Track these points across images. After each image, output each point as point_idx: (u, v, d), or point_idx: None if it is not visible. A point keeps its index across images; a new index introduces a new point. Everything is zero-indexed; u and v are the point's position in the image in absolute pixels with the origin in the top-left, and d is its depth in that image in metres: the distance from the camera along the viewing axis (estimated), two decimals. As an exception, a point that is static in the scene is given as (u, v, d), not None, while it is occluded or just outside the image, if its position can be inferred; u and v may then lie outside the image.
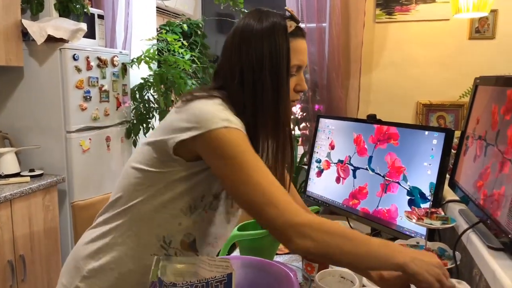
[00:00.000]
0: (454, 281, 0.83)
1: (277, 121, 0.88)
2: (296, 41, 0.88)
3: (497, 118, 0.98)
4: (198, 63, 2.99)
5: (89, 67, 2.40)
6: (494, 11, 2.32)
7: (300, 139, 2.80)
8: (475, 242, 0.95)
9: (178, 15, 3.72)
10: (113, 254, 0.91)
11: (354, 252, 0.78)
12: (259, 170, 0.80)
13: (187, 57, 2.81)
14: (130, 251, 0.91)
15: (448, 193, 1.34)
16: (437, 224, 1.12)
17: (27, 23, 2.14)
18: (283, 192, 0.80)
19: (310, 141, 2.10)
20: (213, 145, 0.80)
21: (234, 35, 0.89)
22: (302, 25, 0.96)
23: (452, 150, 1.43)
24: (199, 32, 3.29)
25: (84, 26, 2.32)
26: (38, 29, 2.12)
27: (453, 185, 1.27)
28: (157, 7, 3.45)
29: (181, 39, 2.97)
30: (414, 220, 1.15)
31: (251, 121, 0.87)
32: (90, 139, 2.45)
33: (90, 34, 2.57)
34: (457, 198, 1.24)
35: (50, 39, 2.17)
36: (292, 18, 0.89)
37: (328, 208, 1.84)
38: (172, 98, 2.93)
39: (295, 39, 0.88)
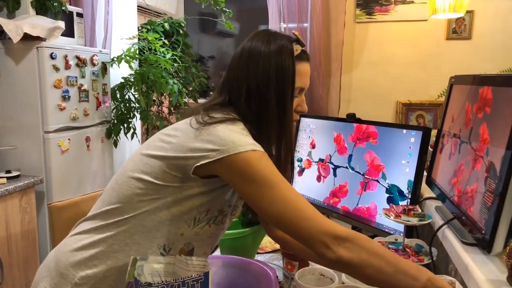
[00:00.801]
0: (447, 278, 0.85)
1: (280, 138, 0.92)
2: (302, 65, 0.92)
3: (470, 116, 1.00)
4: (180, 62, 2.97)
5: (67, 66, 2.35)
6: (470, 12, 2.37)
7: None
8: (450, 238, 0.97)
9: (160, 14, 3.68)
10: (110, 262, 0.89)
11: (385, 273, 0.78)
12: (288, 188, 0.83)
13: (168, 56, 2.79)
14: (128, 259, 0.88)
15: (426, 191, 1.37)
16: (414, 221, 1.14)
17: (2, 21, 2.09)
18: (311, 206, 0.83)
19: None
20: (242, 167, 0.82)
21: (242, 54, 0.92)
22: (283, 25, 0.98)
23: (430, 148, 1.46)
24: (181, 31, 3.26)
25: (62, 24, 2.27)
26: (14, 27, 2.07)
27: (430, 183, 1.30)
28: (138, 6, 3.41)
29: (163, 38, 2.94)
30: (392, 217, 1.16)
31: (255, 138, 0.89)
32: (69, 139, 2.40)
33: (69, 32, 2.53)
34: (434, 195, 1.27)
35: (27, 37, 2.12)
36: (298, 41, 0.93)
37: (309, 207, 1.86)
38: (154, 98, 2.91)
39: (300, 62, 0.92)
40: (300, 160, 1.85)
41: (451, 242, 0.95)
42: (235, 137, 0.84)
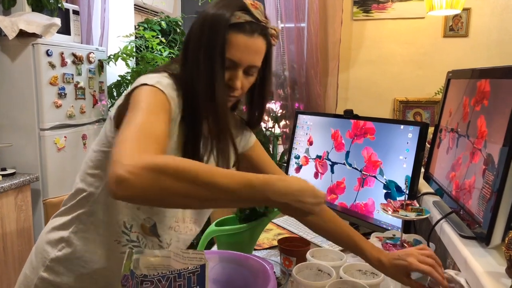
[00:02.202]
0: (452, 272, 0.85)
1: (208, 108, 0.85)
2: (238, 36, 0.83)
3: (468, 110, 1.00)
4: (177, 60, 2.96)
5: (63, 63, 2.34)
6: (467, 9, 2.37)
7: (281, 138, 2.80)
8: (448, 232, 0.97)
9: (157, 13, 3.67)
10: (79, 242, 0.90)
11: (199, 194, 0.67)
12: (149, 114, 0.74)
13: (165, 54, 2.78)
14: (95, 239, 0.90)
15: (423, 186, 1.37)
16: (412, 215, 1.14)
17: (-2, 17, 2.08)
18: (150, 137, 0.70)
19: (290, 139, 2.11)
20: (135, 95, 0.79)
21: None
22: (281, 24, 0.95)
23: (427, 145, 1.46)
24: (178, 30, 3.26)
25: (57, 21, 2.26)
26: (10, 24, 2.06)
27: (428, 178, 1.29)
28: (135, 5, 3.40)
29: (160, 36, 2.93)
30: (389, 212, 1.16)
31: (190, 102, 0.85)
32: (65, 137, 2.39)
33: (65, 30, 2.51)
34: (431, 190, 1.27)
35: (22, 34, 2.11)
36: (247, 11, 0.85)
37: (307, 204, 1.85)
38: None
39: (237, 33, 0.83)
40: (297, 157, 1.85)
41: (449, 236, 0.95)
42: (146, 76, 0.82)
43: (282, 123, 2.73)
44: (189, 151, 0.87)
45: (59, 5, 2.42)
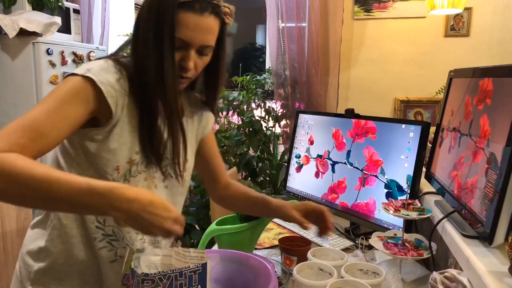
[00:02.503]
0: (454, 271, 0.84)
1: (158, 88, 0.83)
2: (188, 15, 0.80)
3: (470, 109, 1.00)
4: (177, 59, 2.95)
5: (64, 62, 2.34)
6: (468, 9, 2.37)
7: (281, 138, 2.80)
8: (450, 231, 0.96)
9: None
10: (57, 249, 0.90)
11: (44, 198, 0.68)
12: (42, 112, 0.74)
13: (166, 53, 2.77)
14: (71, 241, 0.90)
15: (425, 186, 1.36)
16: (413, 215, 1.13)
17: (-2, 16, 2.08)
18: (27, 134, 0.71)
19: (291, 139, 2.10)
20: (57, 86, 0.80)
21: None
22: (282, 24, 0.94)
23: (428, 144, 1.45)
24: (178, 29, 3.25)
25: (58, 19, 2.26)
26: (10, 22, 2.06)
27: (429, 177, 1.29)
28: (135, 3, 3.40)
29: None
30: (391, 212, 1.16)
31: (141, 84, 0.84)
32: (65, 136, 2.38)
33: (66, 29, 2.51)
34: (433, 190, 1.26)
35: (23, 32, 2.11)
36: None
37: (307, 203, 1.85)
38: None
39: (187, 12, 0.80)
40: (298, 157, 1.84)
41: (451, 235, 0.94)
42: (83, 65, 0.83)
43: (283, 122, 2.72)
44: (145, 132, 0.86)
45: (60, 3, 2.42)
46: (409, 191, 1.34)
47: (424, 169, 1.37)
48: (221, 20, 0.87)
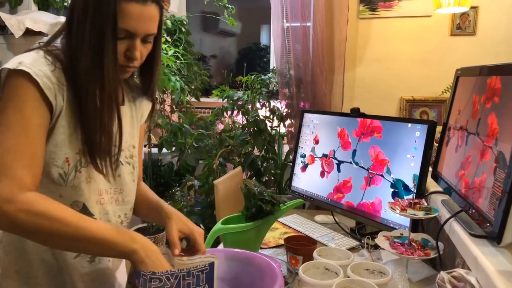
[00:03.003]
0: (462, 271, 0.83)
1: (95, 82, 0.81)
2: (129, 4, 0.80)
3: (478, 107, 0.99)
4: (182, 59, 2.96)
5: (69, 62, 2.34)
6: (475, 8, 2.35)
7: (286, 137, 2.79)
8: (457, 231, 0.96)
9: (162, 11, 3.67)
10: (10, 247, 0.89)
11: (70, 236, 0.73)
12: (19, 133, 0.74)
13: (170, 53, 2.78)
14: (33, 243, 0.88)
15: (431, 185, 1.35)
16: (420, 214, 1.13)
17: (5, 16, 2.09)
18: (24, 167, 0.74)
19: (295, 138, 2.09)
20: (5, 91, 0.78)
21: None
22: (286, 24, 0.93)
23: (435, 143, 1.44)
24: (183, 29, 3.25)
25: (64, 19, 2.26)
26: (16, 22, 2.07)
27: (436, 177, 1.28)
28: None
29: (165, 35, 2.93)
30: (397, 211, 1.15)
31: (74, 74, 0.82)
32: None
33: (71, 29, 2.51)
34: (440, 189, 1.25)
35: (29, 32, 2.11)
36: None
37: (313, 203, 1.84)
38: (156, 96, 2.89)
39: (129, 2, 0.80)
40: (303, 156, 1.84)
41: (459, 235, 0.93)
42: (13, 59, 0.80)
43: (288, 122, 2.72)
44: (89, 122, 0.84)
45: (65, 4, 2.43)
46: (415, 191, 1.33)
47: (430, 169, 1.36)
48: (160, 7, 0.87)
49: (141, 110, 1.05)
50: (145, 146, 2.80)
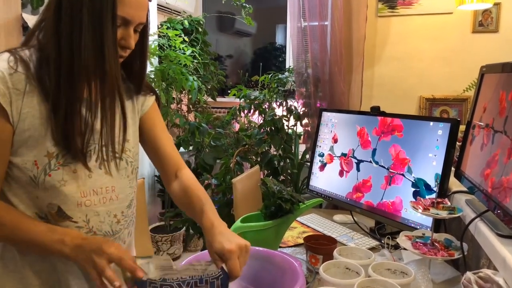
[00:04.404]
0: (489, 272, 0.81)
1: (97, 68, 0.79)
2: None
3: (505, 104, 0.96)
4: (200, 58, 2.97)
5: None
6: (497, 4, 2.30)
7: (302, 137, 2.78)
8: (483, 231, 0.93)
9: (179, 12, 3.70)
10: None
11: (8, 238, 0.81)
12: None
13: (188, 52, 2.80)
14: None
15: (454, 185, 1.33)
16: (443, 214, 1.11)
17: (27, 17, 2.13)
18: None
19: (312, 138, 2.08)
20: None
21: None
22: (304, 23, 0.90)
23: (457, 143, 1.41)
24: (200, 29, 3.27)
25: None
26: (38, 23, 2.11)
27: (459, 176, 1.25)
28: (158, 4, 3.43)
29: (182, 35, 2.95)
30: (420, 211, 1.13)
31: (65, 66, 0.78)
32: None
33: (91, 29, 2.55)
34: (463, 189, 1.23)
35: (51, 33, 2.15)
36: None
37: (331, 202, 1.83)
38: (173, 96, 2.92)
39: None
40: (321, 155, 1.82)
41: (485, 235, 0.91)
42: None
43: (304, 121, 2.70)
44: (60, 123, 0.81)
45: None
46: (437, 190, 1.31)
47: (452, 168, 1.33)
48: None
49: (139, 101, 1.01)
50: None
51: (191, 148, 2.70)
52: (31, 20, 2.12)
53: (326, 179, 1.78)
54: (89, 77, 0.80)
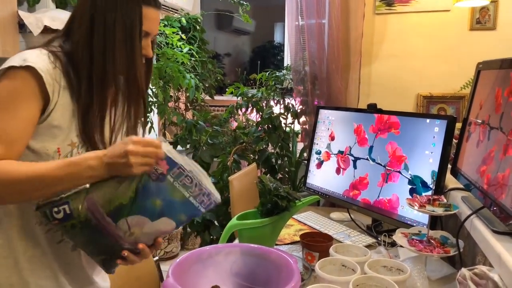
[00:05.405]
0: (484, 268, 0.81)
1: (128, 72, 0.93)
2: (147, 9, 0.93)
3: (501, 101, 0.96)
4: (197, 56, 2.97)
5: (86, 60, 2.36)
6: (494, 2, 2.29)
7: (300, 135, 2.77)
8: (479, 227, 0.93)
9: (176, 10, 3.69)
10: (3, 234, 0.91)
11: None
12: (3, 116, 0.82)
13: (185, 50, 2.79)
14: (15, 234, 0.90)
15: (450, 182, 1.33)
16: (439, 211, 1.10)
17: (23, 14, 2.12)
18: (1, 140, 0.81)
19: (310, 136, 2.07)
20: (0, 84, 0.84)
21: None
22: (301, 22, 0.96)
23: (454, 140, 1.41)
24: (197, 27, 3.26)
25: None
26: (35, 20, 2.09)
27: (455, 173, 1.25)
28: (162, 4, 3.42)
29: (180, 33, 2.94)
30: (416, 207, 1.13)
31: (98, 74, 0.90)
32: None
33: (88, 27, 2.54)
34: (459, 186, 1.22)
35: (47, 30, 2.14)
36: None
37: (328, 200, 1.83)
38: (171, 94, 2.91)
39: (147, 7, 0.93)
40: (318, 153, 1.82)
41: (480, 231, 0.91)
42: (17, 55, 0.86)
43: (302, 119, 2.70)
44: (93, 117, 0.92)
45: (82, 2, 2.45)
46: (434, 187, 1.31)
47: (449, 166, 1.33)
48: None
49: None
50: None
51: (188, 146, 2.70)
52: (27, 17, 2.11)
53: (323, 176, 1.78)
54: (118, 83, 0.94)
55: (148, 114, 2.79)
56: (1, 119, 0.82)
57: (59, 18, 2.18)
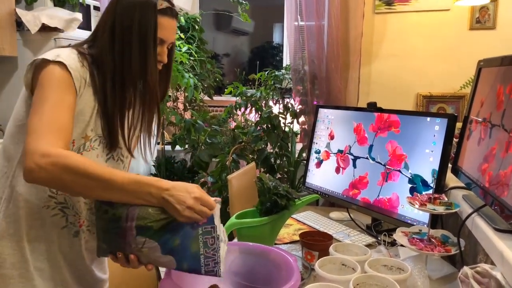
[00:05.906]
0: (486, 266, 0.80)
1: (141, 78, 0.99)
2: (164, 18, 0.99)
3: (503, 98, 0.95)
4: (196, 56, 2.95)
5: (84, 58, 2.35)
6: (494, 1, 2.29)
7: (299, 136, 2.76)
8: (480, 226, 0.92)
9: (175, 9, 3.68)
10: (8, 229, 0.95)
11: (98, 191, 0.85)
12: (54, 106, 0.87)
13: (184, 49, 2.78)
14: (23, 214, 0.95)
15: (451, 181, 1.32)
16: (440, 209, 1.09)
17: (21, 12, 2.11)
18: (57, 132, 0.85)
19: (309, 136, 2.06)
20: (42, 76, 0.89)
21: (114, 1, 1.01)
22: (301, 23, 0.94)
23: (454, 139, 1.40)
24: (196, 27, 3.25)
25: (79, 16, 2.28)
26: (32, 18, 2.08)
27: (456, 171, 1.24)
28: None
29: (178, 32, 2.93)
30: (416, 206, 1.12)
31: (118, 78, 0.97)
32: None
33: (86, 25, 2.53)
34: (460, 184, 1.21)
35: (45, 28, 2.13)
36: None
37: (328, 199, 1.81)
38: (169, 93, 2.90)
39: (162, 16, 0.98)
40: (318, 152, 1.81)
41: (482, 230, 0.90)
42: (49, 51, 0.92)
43: (301, 119, 2.69)
44: (114, 117, 0.99)
45: (80, 0, 2.44)
46: (434, 186, 1.30)
47: (449, 164, 1.32)
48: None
49: None
50: (158, 143, 2.81)
51: (186, 146, 2.69)
52: (25, 15, 2.10)
53: (323, 176, 1.76)
54: (135, 85, 1.00)
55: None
56: (49, 109, 0.86)
57: (56, 16, 2.17)
